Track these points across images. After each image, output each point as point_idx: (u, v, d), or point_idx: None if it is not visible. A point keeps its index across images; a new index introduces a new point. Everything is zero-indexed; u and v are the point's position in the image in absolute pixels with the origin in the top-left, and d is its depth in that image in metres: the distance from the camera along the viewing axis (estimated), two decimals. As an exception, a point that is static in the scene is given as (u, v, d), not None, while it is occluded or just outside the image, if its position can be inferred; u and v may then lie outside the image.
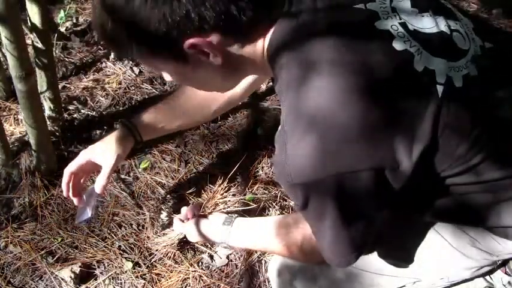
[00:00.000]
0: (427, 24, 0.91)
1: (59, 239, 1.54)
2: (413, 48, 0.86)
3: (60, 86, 1.89)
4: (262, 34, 0.90)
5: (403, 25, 0.89)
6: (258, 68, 0.96)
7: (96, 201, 1.39)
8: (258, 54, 0.92)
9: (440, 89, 0.85)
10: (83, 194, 1.37)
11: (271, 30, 0.90)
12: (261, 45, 0.91)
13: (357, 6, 0.90)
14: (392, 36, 0.87)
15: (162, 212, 1.57)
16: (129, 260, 1.50)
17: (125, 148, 1.34)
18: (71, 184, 1.33)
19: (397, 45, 0.86)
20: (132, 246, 1.54)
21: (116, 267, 1.49)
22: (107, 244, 1.53)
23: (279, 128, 0.90)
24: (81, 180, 1.39)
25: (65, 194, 1.34)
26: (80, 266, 1.47)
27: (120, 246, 1.54)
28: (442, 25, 0.92)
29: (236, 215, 1.37)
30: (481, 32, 0.97)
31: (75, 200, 1.37)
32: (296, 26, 0.88)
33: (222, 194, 1.64)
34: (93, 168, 1.39)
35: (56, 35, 2.01)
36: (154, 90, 2.01)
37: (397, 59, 0.86)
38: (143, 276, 1.48)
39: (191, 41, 0.85)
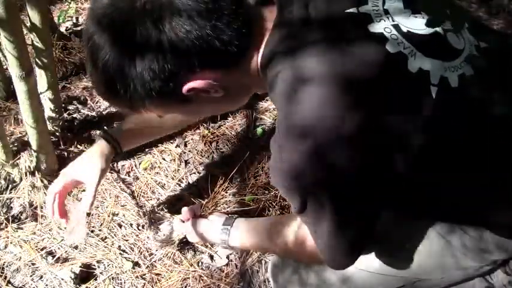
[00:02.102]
0: (420, 25, 0.91)
1: (59, 239, 1.54)
2: (407, 49, 0.87)
3: (60, 86, 1.89)
4: (254, 52, 0.92)
5: (396, 27, 0.89)
6: (259, 83, 0.96)
7: (85, 219, 1.36)
8: (254, 72, 0.93)
9: (434, 90, 0.86)
10: (69, 213, 1.34)
11: (263, 43, 0.90)
12: (255, 62, 0.92)
13: (349, 11, 0.90)
14: (385, 38, 0.87)
15: (159, 230, 1.55)
16: (129, 260, 1.50)
17: (106, 161, 1.33)
18: (55, 205, 1.31)
19: (391, 48, 0.86)
20: (132, 246, 1.54)
21: (116, 267, 1.49)
22: (107, 244, 1.53)
23: (275, 133, 0.90)
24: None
25: (50, 215, 1.32)
26: (80, 266, 1.47)
27: (120, 246, 1.54)
28: None
29: (236, 216, 1.37)
30: (475, 32, 0.97)
31: (62, 222, 1.35)
32: (288, 34, 0.89)
33: (222, 194, 1.64)
34: (76, 185, 1.38)
35: (56, 35, 2.01)
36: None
37: (391, 61, 0.86)
38: (143, 276, 1.48)
39: (188, 85, 0.87)
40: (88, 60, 0.89)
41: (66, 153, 1.73)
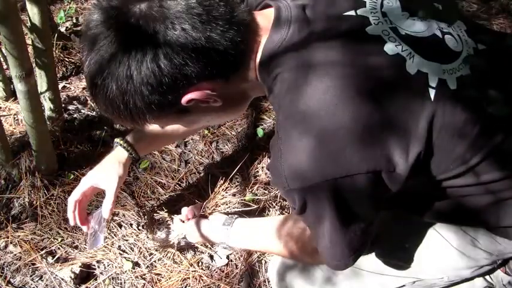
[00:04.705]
0: (418, 28, 0.91)
1: (59, 239, 1.54)
2: (405, 52, 0.87)
3: (60, 86, 1.89)
4: (251, 59, 0.92)
5: (394, 30, 0.90)
6: (258, 88, 0.96)
7: (105, 225, 1.38)
8: (252, 78, 0.93)
9: (432, 92, 0.86)
10: (89, 219, 1.36)
11: (260, 49, 0.90)
12: (252, 67, 0.92)
13: (347, 14, 0.91)
14: (383, 41, 0.87)
15: (159, 230, 1.55)
16: (129, 260, 1.50)
17: (124, 168, 1.34)
18: (76, 212, 1.32)
19: (389, 50, 0.87)
20: (132, 246, 1.54)
21: (115, 267, 1.49)
22: (107, 244, 1.53)
23: (274, 134, 0.91)
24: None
25: (71, 223, 1.33)
26: (80, 266, 1.47)
27: (120, 246, 1.54)
28: (434, 28, 0.92)
29: (236, 216, 1.37)
30: (473, 33, 0.97)
31: (83, 228, 1.36)
32: (287, 38, 0.89)
33: (222, 194, 1.64)
34: (95, 193, 1.39)
35: (56, 35, 2.00)
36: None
37: (389, 63, 0.86)
38: (143, 276, 1.48)
39: (187, 97, 0.87)
40: (87, 78, 0.89)
41: (66, 153, 1.73)
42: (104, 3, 0.84)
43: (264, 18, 0.93)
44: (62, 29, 2.16)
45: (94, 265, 1.50)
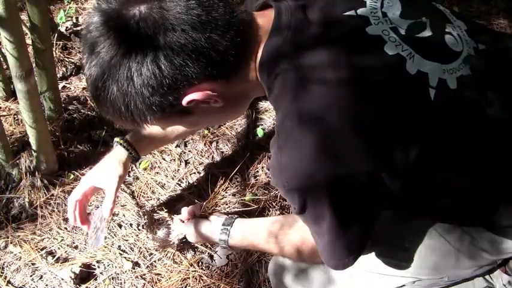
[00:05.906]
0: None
1: (59, 239, 1.54)
2: (405, 52, 0.87)
3: (60, 86, 1.89)
4: (251, 59, 0.92)
5: (395, 30, 0.90)
6: (258, 88, 0.96)
7: (105, 225, 1.37)
8: (252, 78, 0.93)
9: (432, 92, 0.86)
10: (89, 219, 1.35)
11: (260, 49, 0.90)
12: (253, 68, 0.92)
13: (347, 14, 0.91)
14: (383, 41, 0.88)
15: (159, 230, 1.54)
16: (129, 260, 1.50)
17: (124, 168, 1.33)
18: (77, 212, 1.31)
19: (389, 50, 0.87)
20: (132, 246, 1.54)
21: (115, 267, 1.49)
22: (107, 244, 1.53)
23: (274, 135, 0.91)
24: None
25: (72, 223, 1.33)
26: (80, 266, 1.47)
27: (120, 246, 1.54)
28: None
29: (236, 216, 1.37)
30: (474, 33, 0.97)
31: (84, 228, 1.36)
32: (288, 37, 0.89)
33: (222, 194, 1.64)
34: (95, 192, 1.39)
35: (56, 35, 2.00)
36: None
37: (389, 63, 0.86)
38: (143, 276, 1.48)
39: (187, 98, 0.87)
40: (88, 81, 0.89)
41: (66, 153, 1.73)
42: (103, 5, 0.84)
43: (264, 18, 0.93)
44: (62, 29, 2.15)
45: (94, 265, 1.50)
